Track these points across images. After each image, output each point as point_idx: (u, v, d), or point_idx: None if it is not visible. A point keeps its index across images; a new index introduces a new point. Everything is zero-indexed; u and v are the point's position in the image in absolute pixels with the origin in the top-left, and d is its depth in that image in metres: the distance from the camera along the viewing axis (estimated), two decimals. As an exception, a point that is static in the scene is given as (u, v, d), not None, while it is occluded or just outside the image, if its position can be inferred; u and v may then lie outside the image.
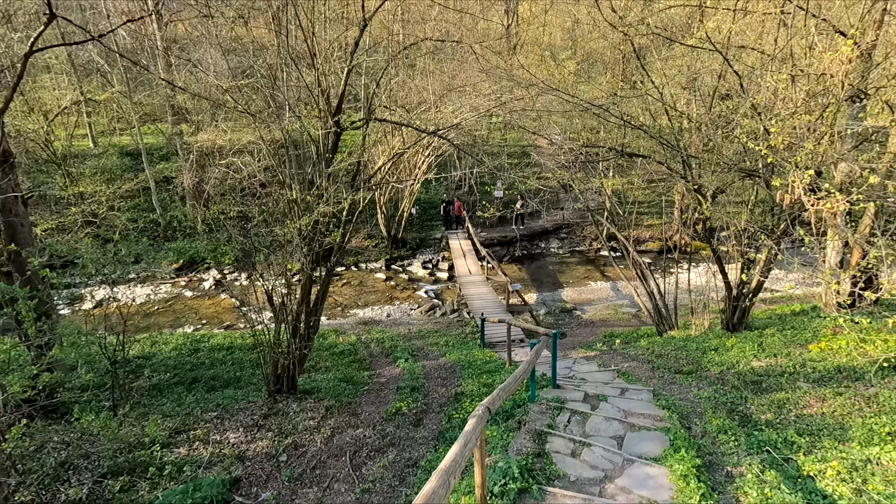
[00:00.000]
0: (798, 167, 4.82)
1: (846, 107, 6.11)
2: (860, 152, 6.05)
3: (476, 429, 2.73)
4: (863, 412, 5.39)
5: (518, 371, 4.27)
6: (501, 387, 3.64)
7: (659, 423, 5.41)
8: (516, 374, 4.15)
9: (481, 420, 2.87)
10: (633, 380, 7.31)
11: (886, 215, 10.33)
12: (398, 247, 22.36)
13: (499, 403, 3.39)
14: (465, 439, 2.54)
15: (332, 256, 8.70)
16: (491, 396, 3.32)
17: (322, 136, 7.38)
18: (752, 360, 7.37)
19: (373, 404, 7.98)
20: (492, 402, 3.17)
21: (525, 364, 4.57)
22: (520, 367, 4.38)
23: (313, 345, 12.82)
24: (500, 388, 3.60)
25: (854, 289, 10.70)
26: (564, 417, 5.33)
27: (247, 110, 7.47)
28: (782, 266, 15.33)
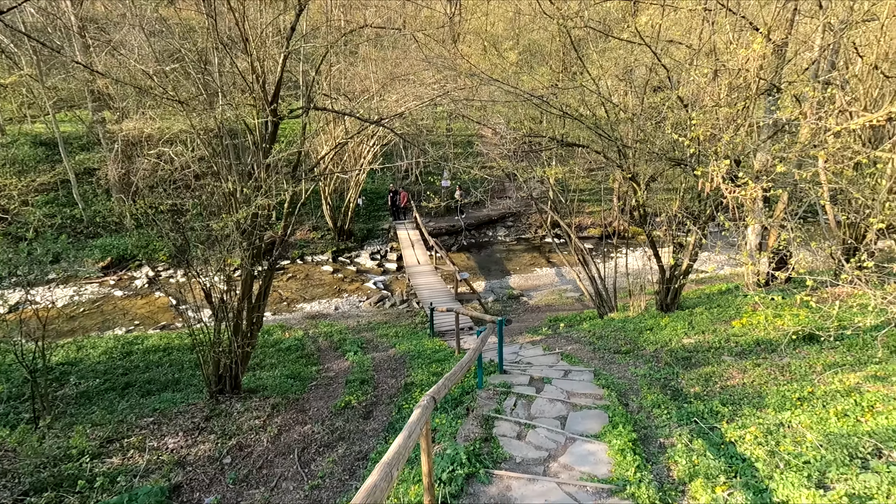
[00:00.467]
0: (717, 157, 5.16)
1: (762, 100, 6.60)
2: (775, 142, 6.56)
3: (420, 419, 2.75)
4: (777, 381, 5.91)
5: (464, 359, 4.34)
6: (447, 376, 3.69)
7: (599, 401, 5.68)
8: (462, 363, 4.22)
9: (426, 410, 2.90)
10: (576, 361, 7.62)
11: (797, 201, 11.31)
12: (345, 238, 21.95)
13: (444, 392, 3.44)
14: (408, 430, 2.55)
15: (275, 250, 8.42)
16: (436, 386, 3.35)
17: (259, 125, 7.08)
18: (684, 338, 7.87)
19: (321, 399, 7.85)
20: (437, 392, 3.20)
21: (471, 352, 4.65)
22: (465, 356, 4.45)
23: (258, 342, 12.44)
24: (445, 377, 3.64)
25: (769, 269, 11.68)
26: (511, 402, 5.48)
27: (174, 97, 7.03)
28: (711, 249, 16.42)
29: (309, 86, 7.94)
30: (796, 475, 3.45)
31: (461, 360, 4.26)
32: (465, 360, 4.30)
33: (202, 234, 7.79)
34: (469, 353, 4.59)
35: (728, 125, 5.62)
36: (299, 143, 8.38)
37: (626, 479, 3.79)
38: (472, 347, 5.04)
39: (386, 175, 27.09)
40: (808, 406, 5.02)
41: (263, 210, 7.41)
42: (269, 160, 6.91)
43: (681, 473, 3.94)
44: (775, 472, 3.61)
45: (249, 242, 7.50)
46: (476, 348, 4.88)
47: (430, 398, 3.05)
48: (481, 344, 5.23)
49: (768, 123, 6.73)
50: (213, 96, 8.37)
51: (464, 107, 12.63)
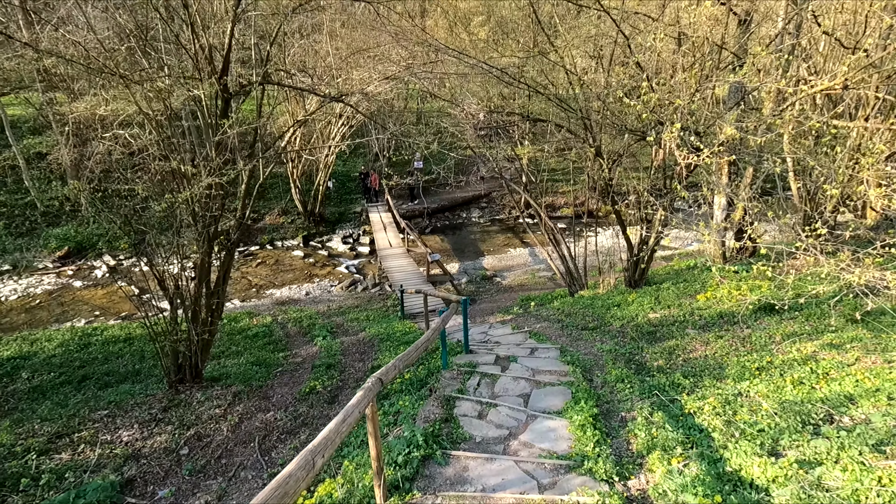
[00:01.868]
0: (672, 123, 5.08)
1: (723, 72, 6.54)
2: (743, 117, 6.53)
3: (361, 402, 2.60)
4: (738, 351, 5.97)
5: (420, 340, 4.20)
6: (400, 357, 3.54)
7: (564, 378, 5.65)
8: (417, 344, 4.07)
9: (369, 392, 2.75)
10: (544, 339, 7.59)
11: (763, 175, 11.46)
12: (316, 222, 21.51)
13: (394, 374, 3.29)
14: (344, 415, 2.40)
15: (233, 232, 8.08)
16: (385, 368, 3.20)
17: (206, 101, 6.70)
18: (650, 313, 7.92)
19: (286, 386, 7.66)
20: (385, 374, 3.05)
21: (429, 332, 4.51)
22: (422, 336, 4.31)
23: (223, 329, 12.11)
24: (397, 358, 3.49)
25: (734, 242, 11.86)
26: (475, 381, 5.39)
27: (115, 71, 6.56)
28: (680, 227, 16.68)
29: (264, 59, 7.54)
30: (750, 444, 3.44)
31: (417, 341, 4.11)
32: (422, 340, 4.16)
33: (153, 218, 7.40)
34: (427, 333, 4.45)
35: (685, 92, 5.54)
36: (257, 120, 8.00)
37: (584, 454, 3.74)
38: (430, 327, 4.91)
39: (357, 157, 26.58)
40: (766, 375, 5.07)
41: (215, 190, 7.06)
42: (220, 138, 6.54)
43: (639, 446, 3.91)
44: (730, 441, 3.60)
45: (203, 225, 7.15)
46: (435, 328, 4.74)
47: (375, 380, 2.90)
48: (441, 323, 5.10)
49: (732, 90, 6.68)
50: (158, 71, 7.88)
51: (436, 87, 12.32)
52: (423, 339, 4.21)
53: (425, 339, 4.26)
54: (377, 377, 2.95)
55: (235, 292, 16.40)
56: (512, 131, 11.91)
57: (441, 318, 5.32)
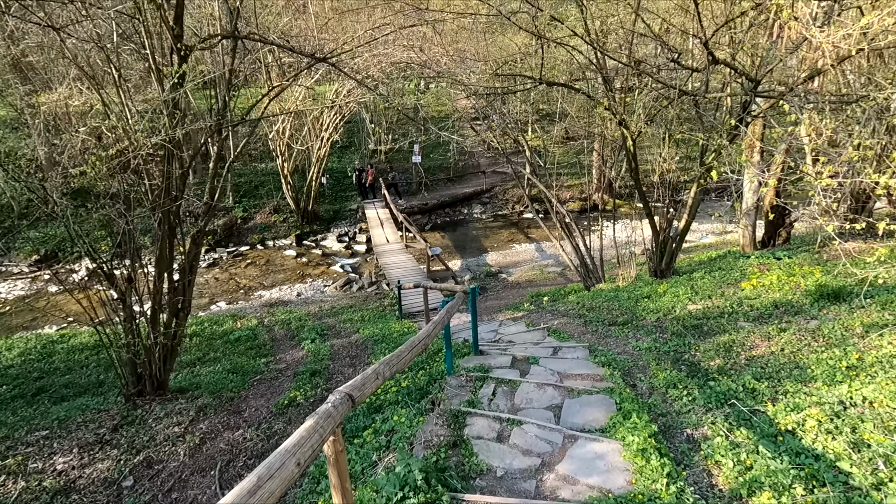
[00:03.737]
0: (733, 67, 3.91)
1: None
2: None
3: (314, 433, 1.48)
4: (812, 347, 4.82)
5: (417, 336, 3.06)
6: (386, 360, 2.39)
7: (600, 383, 4.50)
8: (413, 341, 2.93)
9: (328, 420, 1.61)
10: (566, 337, 6.44)
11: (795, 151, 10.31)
12: (310, 221, 20.37)
13: (374, 387, 2.13)
14: (280, 457, 1.28)
15: (200, 220, 6.94)
16: (362, 376, 2.07)
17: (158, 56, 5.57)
18: (688, 304, 6.76)
19: (262, 397, 6.51)
20: (357, 388, 1.91)
21: (429, 326, 3.37)
22: (421, 331, 3.18)
23: (202, 333, 10.97)
24: (381, 362, 2.33)
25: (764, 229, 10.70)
26: (489, 389, 4.24)
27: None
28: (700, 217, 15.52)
29: (235, 12, 6.42)
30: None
31: (412, 338, 2.97)
32: (419, 337, 3.02)
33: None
34: (426, 328, 3.31)
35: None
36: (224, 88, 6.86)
37: (654, 495, 2.60)
38: (431, 321, 3.77)
39: (353, 153, 25.49)
40: (866, 376, 3.92)
41: (174, 166, 5.92)
42: (172, 96, 5.40)
43: (730, 480, 2.76)
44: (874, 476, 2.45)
45: (158, 205, 6.00)
46: (437, 320, 3.61)
47: (342, 396, 1.77)
48: (445, 315, 3.96)
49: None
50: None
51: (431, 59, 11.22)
52: (421, 336, 3.07)
53: (424, 334, 3.12)
54: (346, 392, 1.81)
55: (222, 294, 15.28)
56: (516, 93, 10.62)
57: (445, 308, 4.18)
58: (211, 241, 18.62)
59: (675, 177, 9.00)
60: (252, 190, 21.33)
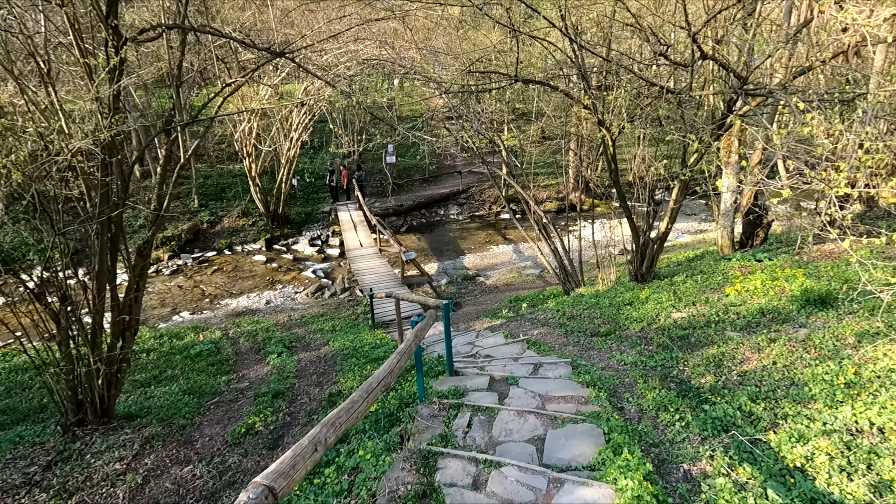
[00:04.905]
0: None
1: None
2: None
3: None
4: (805, 360, 4.55)
5: (376, 375, 2.58)
6: (332, 417, 1.88)
7: (585, 406, 4.13)
8: (370, 384, 2.44)
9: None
10: (546, 350, 6.07)
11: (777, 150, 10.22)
12: (280, 224, 19.63)
13: (308, 467, 1.63)
14: None
15: (149, 228, 6.32)
16: (289, 456, 1.56)
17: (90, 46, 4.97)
18: (673, 312, 6.48)
19: (219, 423, 5.94)
20: (283, 474, 1.42)
21: (393, 358, 2.91)
22: (380, 369, 2.71)
23: (160, 348, 10.25)
24: (318, 428, 1.79)
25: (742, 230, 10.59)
26: (464, 419, 3.81)
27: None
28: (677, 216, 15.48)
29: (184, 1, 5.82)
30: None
31: (369, 380, 2.50)
32: (377, 377, 2.52)
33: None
34: (387, 363, 2.84)
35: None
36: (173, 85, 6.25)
37: (656, 558, 2.20)
38: (399, 347, 3.31)
39: (325, 154, 24.76)
40: (868, 395, 3.64)
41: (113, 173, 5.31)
42: (105, 92, 4.80)
43: (739, 535, 2.39)
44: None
45: (104, 220, 5.39)
46: (402, 350, 3.15)
47: (260, 494, 1.30)
48: (413, 341, 3.52)
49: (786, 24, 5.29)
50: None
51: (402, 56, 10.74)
52: (382, 373, 2.60)
53: (385, 370, 2.65)
54: (265, 485, 1.34)
55: (186, 303, 14.48)
56: (492, 91, 10.20)
57: (413, 331, 3.73)
58: (174, 247, 17.74)
59: (655, 178, 8.77)
60: (218, 193, 20.44)
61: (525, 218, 15.39)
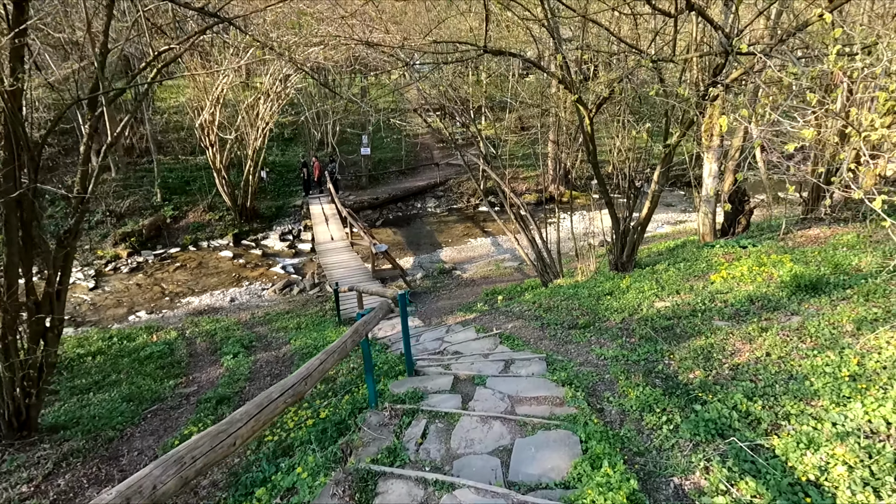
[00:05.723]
0: None
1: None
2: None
3: None
4: (801, 350, 4.10)
5: (288, 379, 1.99)
6: (163, 460, 1.29)
7: (560, 408, 3.61)
8: (270, 394, 1.84)
9: None
10: (521, 345, 5.55)
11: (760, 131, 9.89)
12: (249, 219, 18.77)
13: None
14: None
15: (71, 217, 5.58)
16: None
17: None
18: (655, 301, 6.02)
19: (153, 434, 5.27)
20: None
21: (320, 357, 2.30)
22: (298, 370, 2.12)
23: (108, 351, 9.45)
24: (149, 469, 1.24)
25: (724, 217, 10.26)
26: (418, 428, 3.25)
27: None
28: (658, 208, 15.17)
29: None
30: None
31: (267, 391, 1.88)
32: (280, 387, 1.90)
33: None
34: (307, 364, 2.24)
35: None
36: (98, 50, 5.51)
37: None
38: (330, 346, 2.72)
39: (298, 146, 23.90)
40: (878, 389, 3.19)
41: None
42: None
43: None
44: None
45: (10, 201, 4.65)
46: (332, 349, 2.55)
47: None
48: (351, 337, 2.92)
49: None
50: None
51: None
52: (288, 382, 1.97)
53: (294, 379, 2.02)
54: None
55: (144, 302, 13.61)
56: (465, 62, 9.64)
57: (354, 327, 3.14)
58: (135, 244, 16.77)
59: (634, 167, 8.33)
60: (182, 186, 19.45)
61: (504, 211, 14.91)
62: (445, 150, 25.14)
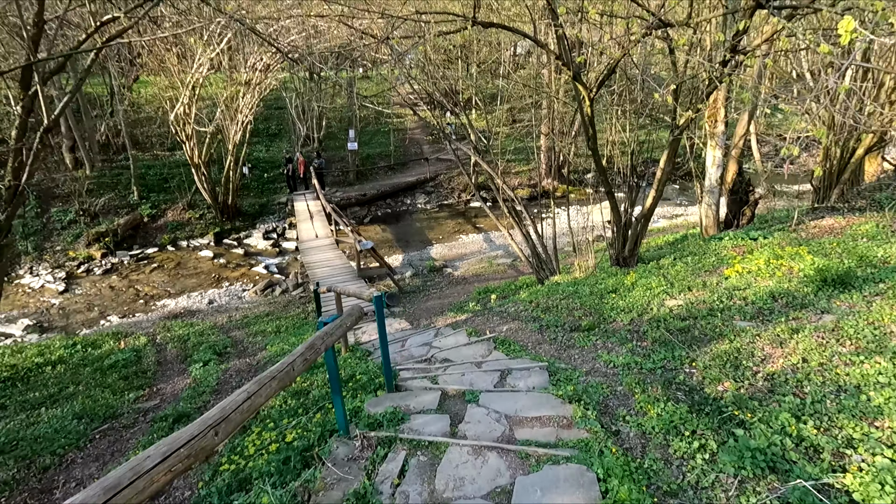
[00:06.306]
0: None
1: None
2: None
3: None
4: (843, 356, 3.53)
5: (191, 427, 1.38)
6: None
7: (568, 431, 3.00)
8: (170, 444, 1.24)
9: None
10: (517, 350, 4.94)
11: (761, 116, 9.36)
12: (231, 217, 18.02)
13: None
14: None
15: (3, 209, 4.87)
16: None
17: None
18: (666, 299, 5.43)
19: (97, 460, 4.59)
20: None
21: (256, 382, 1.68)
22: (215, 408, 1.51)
23: (69, 359, 8.72)
24: None
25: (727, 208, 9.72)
26: (395, 464, 2.62)
27: None
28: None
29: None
30: None
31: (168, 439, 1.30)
32: (178, 438, 1.34)
33: None
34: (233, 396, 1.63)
35: None
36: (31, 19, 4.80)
37: None
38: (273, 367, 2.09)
39: (283, 142, 23.11)
40: (956, 405, 2.62)
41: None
42: None
43: None
44: None
45: None
46: (276, 372, 1.92)
47: None
48: (303, 354, 2.28)
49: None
50: None
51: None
52: (190, 432, 1.38)
53: (199, 426, 1.41)
54: None
55: (117, 306, 12.84)
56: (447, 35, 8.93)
57: (310, 340, 2.48)
58: (109, 244, 15.95)
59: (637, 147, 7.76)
60: (160, 183, 18.64)
61: (496, 206, 14.32)
62: (435, 144, 24.49)
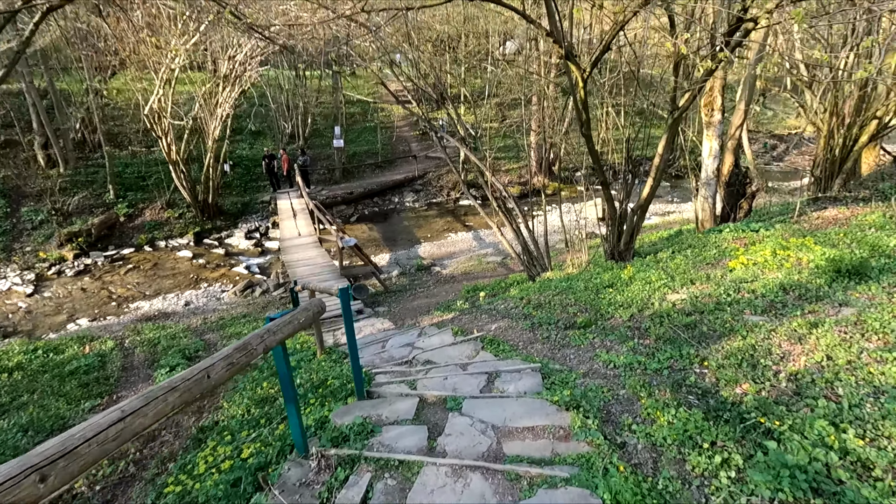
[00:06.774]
0: None
1: None
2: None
3: None
4: (872, 352, 3.14)
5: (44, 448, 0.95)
6: None
7: (565, 443, 2.55)
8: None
9: None
10: (507, 350, 4.49)
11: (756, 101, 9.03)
12: (212, 216, 17.37)
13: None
14: None
15: None
16: None
17: None
18: (668, 293, 5.02)
19: (33, 480, 4.05)
20: None
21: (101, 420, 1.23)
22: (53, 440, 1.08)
23: (28, 365, 8.13)
24: None
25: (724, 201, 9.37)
26: (357, 490, 2.15)
27: None
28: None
29: None
30: None
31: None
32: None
33: None
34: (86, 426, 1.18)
35: None
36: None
37: None
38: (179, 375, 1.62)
39: (267, 139, 22.50)
40: None
41: None
42: None
43: None
44: None
45: None
46: (167, 385, 1.48)
47: None
48: (228, 357, 1.82)
49: None
50: None
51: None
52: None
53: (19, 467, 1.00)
54: None
55: (87, 308, 12.19)
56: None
57: (241, 342, 1.96)
58: (82, 244, 15.25)
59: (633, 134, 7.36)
60: (138, 181, 17.96)
61: (486, 203, 13.90)
62: (424, 142, 24.04)
